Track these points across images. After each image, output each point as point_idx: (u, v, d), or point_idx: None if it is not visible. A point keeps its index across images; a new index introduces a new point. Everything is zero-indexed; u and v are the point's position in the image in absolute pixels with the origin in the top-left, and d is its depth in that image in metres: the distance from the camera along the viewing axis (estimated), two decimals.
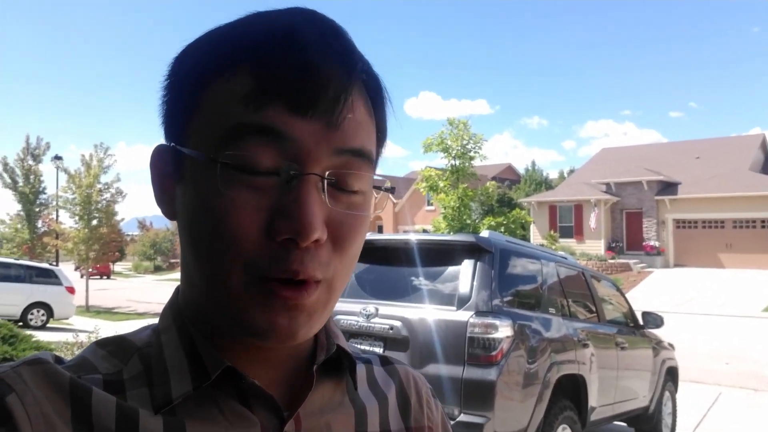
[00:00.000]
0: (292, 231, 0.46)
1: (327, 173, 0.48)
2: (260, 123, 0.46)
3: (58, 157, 22.17)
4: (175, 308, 0.55)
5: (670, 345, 6.39)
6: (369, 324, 3.98)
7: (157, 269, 47.75)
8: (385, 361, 0.69)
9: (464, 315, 3.71)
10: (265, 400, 0.52)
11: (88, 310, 18.44)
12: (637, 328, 5.78)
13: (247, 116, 0.47)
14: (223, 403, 0.50)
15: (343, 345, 0.59)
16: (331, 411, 0.57)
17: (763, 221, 25.20)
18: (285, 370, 0.56)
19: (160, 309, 0.58)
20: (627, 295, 6.50)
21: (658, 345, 6.00)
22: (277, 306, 0.48)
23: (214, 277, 0.49)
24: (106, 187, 19.82)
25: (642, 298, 18.99)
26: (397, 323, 3.89)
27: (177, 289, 0.57)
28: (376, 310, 4.01)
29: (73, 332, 8.69)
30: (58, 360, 0.50)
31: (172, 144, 0.51)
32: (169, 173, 0.52)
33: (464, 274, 3.93)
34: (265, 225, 0.47)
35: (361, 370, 0.63)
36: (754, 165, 29.24)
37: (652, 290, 20.99)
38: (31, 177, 26.25)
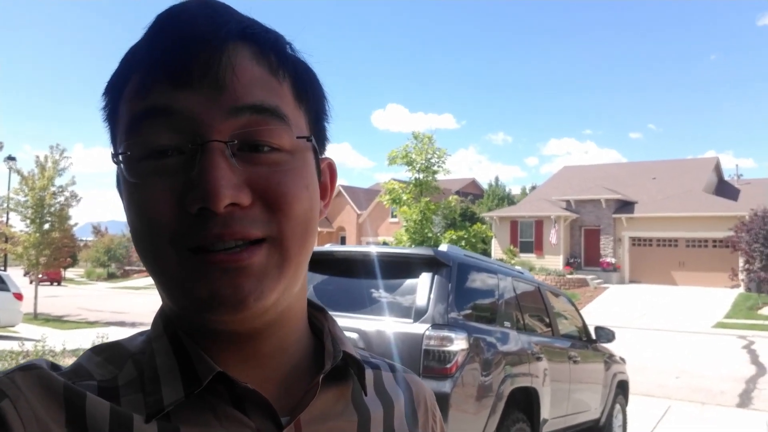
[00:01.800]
0: (200, 199, 0.46)
1: (230, 137, 0.48)
2: (147, 106, 0.48)
3: (11, 158, 21.48)
4: (164, 316, 0.55)
5: (622, 359, 6.53)
6: None
7: (111, 276, 46.46)
8: (393, 368, 0.69)
9: (420, 327, 3.72)
10: (260, 404, 0.51)
11: (36, 317, 17.78)
12: (590, 342, 5.90)
13: (138, 106, 0.48)
14: (217, 408, 0.50)
15: (350, 351, 0.59)
16: (333, 418, 0.56)
17: (714, 241, 26.07)
18: (278, 369, 0.55)
19: (111, 318, 0.58)
20: (583, 310, 6.67)
21: (609, 359, 6.13)
22: (215, 273, 0.47)
23: (153, 265, 0.49)
24: (60, 190, 19.21)
25: (598, 312, 19.39)
26: (354, 335, 3.87)
27: None
28: None
29: (20, 340, 8.38)
30: (55, 367, 0.50)
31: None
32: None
33: (422, 287, 3.95)
34: (178, 201, 0.47)
35: (369, 374, 0.62)
36: (708, 186, 30.30)
37: (607, 305, 21.44)
38: None
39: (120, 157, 0.49)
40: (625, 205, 28.57)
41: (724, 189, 31.45)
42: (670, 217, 26.64)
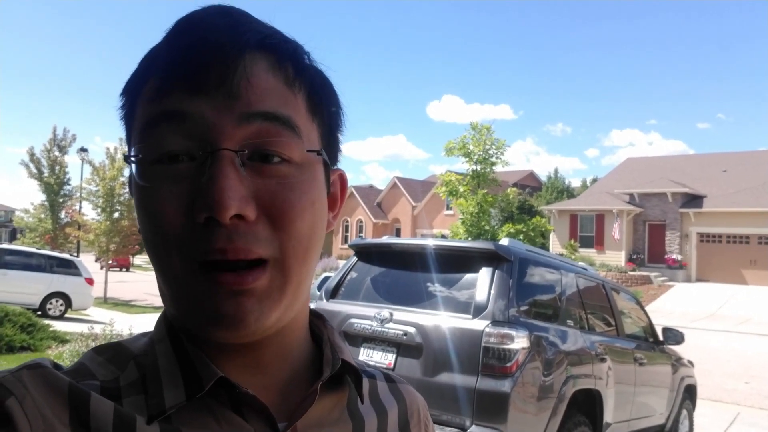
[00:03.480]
0: (207, 208, 0.46)
1: (241, 145, 0.48)
2: (162, 110, 0.49)
3: (83, 149, 22.52)
4: (167, 319, 0.56)
5: (690, 362, 6.25)
6: (383, 329, 3.93)
7: None
8: (389, 378, 0.69)
9: (480, 324, 3.64)
10: (259, 409, 0.52)
11: (105, 301, 18.66)
12: (657, 343, 5.66)
13: (153, 109, 0.49)
14: (217, 412, 0.51)
15: (348, 359, 0.59)
16: (329, 425, 0.57)
17: None
18: (278, 376, 0.56)
19: None
20: (647, 309, 6.39)
21: (677, 362, 5.87)
22: (220, 292, 0.48)
23: (162, 272, 0.50)
24: None
25: (662, 311, 18.69)
26: (411, 329, 3.83)
27: None
28: (391, 315, 3.96)
29: (89, 323, 8.78)
30: (57, 367, 0.51)
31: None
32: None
33: (481, 282, 3.87)
34: (186, 209, 0.47)
35: (365, 383, 0.63)
36: None
37: (672, 304, 20.65)
38: (57, 168, 26.67)
39: (133, 159, 0.50)
40: (693, 199, 27.37)
41: None
42: (742, 212, 25.35)
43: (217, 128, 0.48)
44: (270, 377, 0.56)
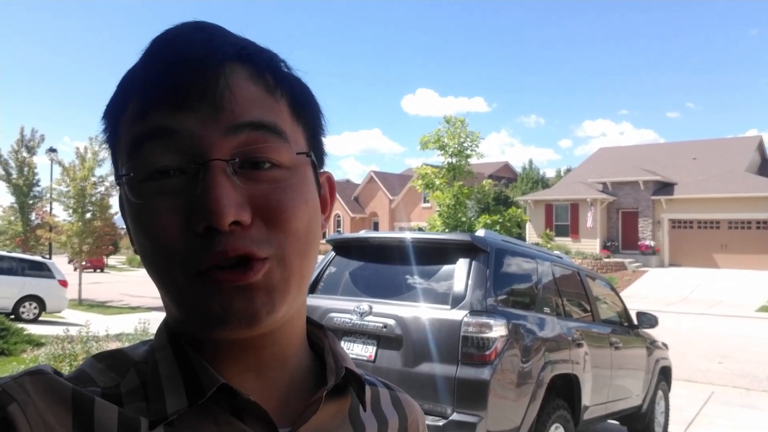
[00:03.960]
0: (205, 218, 0.46)
1: (231, 155, 0.49)
2: (147, 128, 0.49)
3: (52, 150, 22.02)
4: (168, 326, 0.56)
5: (664, 344, 6.39)
6: (363, 322, 3.96)
7: None
8: (389, 386, 0.71)
9: (458, 314, 3.69)
10: (260, 416, 0.52)
11: (80, 303, 18.34)
12: (632, 327, 5.78)
13: (138, 129, 0.50)
14: (218, 417, 0.51)
15: (351, 367, 0.60)
16: None
17: (758, 222, 25.31)
18: (278, 381, 0.57)
19: (153, 303, 0.58)
20: (621, 294, 6.52)
21: (652, 344, 6.01)
22: (227, 290, 0.48)
23: (164, 283, 0.50)
24: (101, 180, 19.64)
25: (636, 296, 19.06)
26: (391, 321, 3.86)
27: None
28: (370, 308, 3.98)
29: (65, 326, 8.65)
30: (57, 374, 0.51)
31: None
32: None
33: (459, 273, 3.91)
34: (183, 222, 0.48)
35: (367, 391, 0.63)
36: (751, 166, 29.33)
37: (646, 289, 21.06)
38: (25, 169, 26.10)
39: (123, 179, 0.50)
40: (664, 187, 27.88)
41: None
42: (712, 198, 25.90)
43: (205, 141, 0.48)
44: (270, 381, 0.56)
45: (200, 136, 0.48)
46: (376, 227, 40.83)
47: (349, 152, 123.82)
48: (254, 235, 0.48)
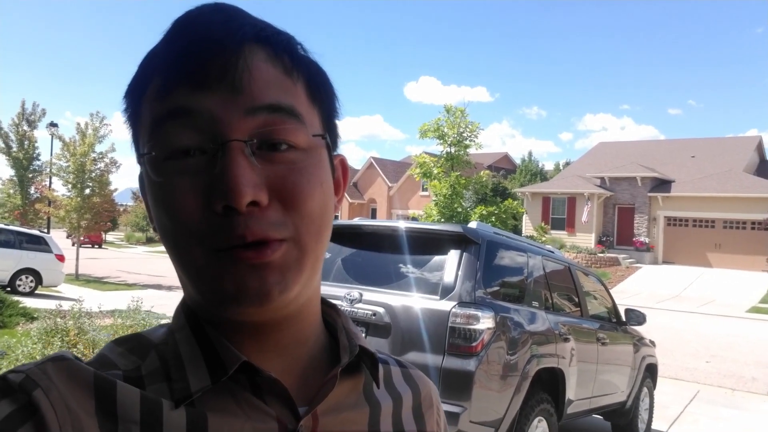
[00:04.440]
0: (224, 197, 0.47)
1: (249, 136, 0.50)
2: (168, 108, 0.50)
3: (53, 124, 21.97)
4: (186, 307, 0.57)
5: (652, 342, 6.46)
6: (352, 309, 4.01)
7: (150, 241, 47.59)
8: (401, 364, 0.72)
9: (447, 305, 3.73)
10: (279, 394, 0.53)
11: (77, 278, 18.41)
12: (620, 324, 5.84)
13: (159, 108, 0.51)
14: (239, 396, 0.52)
15: (364, 345, 0.61)
16: (347, 409, 0.59)
17: (753, 223, 25.36)
18: (297, 360, 0.58)
19: (149, 281, 0.60)
20: (614, 290, 6.58)
21: (639, 341, 6.07)
22: (242, 268, 0.49)
23: (181, 260, 0.51)
24: (101, 156, 19.64)
25: (628, 292, 19.16)
26: (380, 309, 3.91)
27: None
28: (360, 295, 4.03)
29: (60, 300, 8.68)
30: (77, 359, 0.52)
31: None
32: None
33: (449, 264, 3.95)
34: (203, 201, 0.49)
35: (380, 369, 0.65)
36: (749, 167, 29.34)
37: (639, 286, 21.14)
38: (26, 143, 26.05)
39: (144, 158, 0.52)
40: (662, 184, 27.91)
41: (766, 169, 30.41)
42: (708, 197, 25.95)
43: (225, 121, 0.49)
44: (289, 361, 0.57)
45: (220, 116, 0.49)
46: (374, 214, 40.84)
47: (350, 137, 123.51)
48: (271, 218, 0.49)
